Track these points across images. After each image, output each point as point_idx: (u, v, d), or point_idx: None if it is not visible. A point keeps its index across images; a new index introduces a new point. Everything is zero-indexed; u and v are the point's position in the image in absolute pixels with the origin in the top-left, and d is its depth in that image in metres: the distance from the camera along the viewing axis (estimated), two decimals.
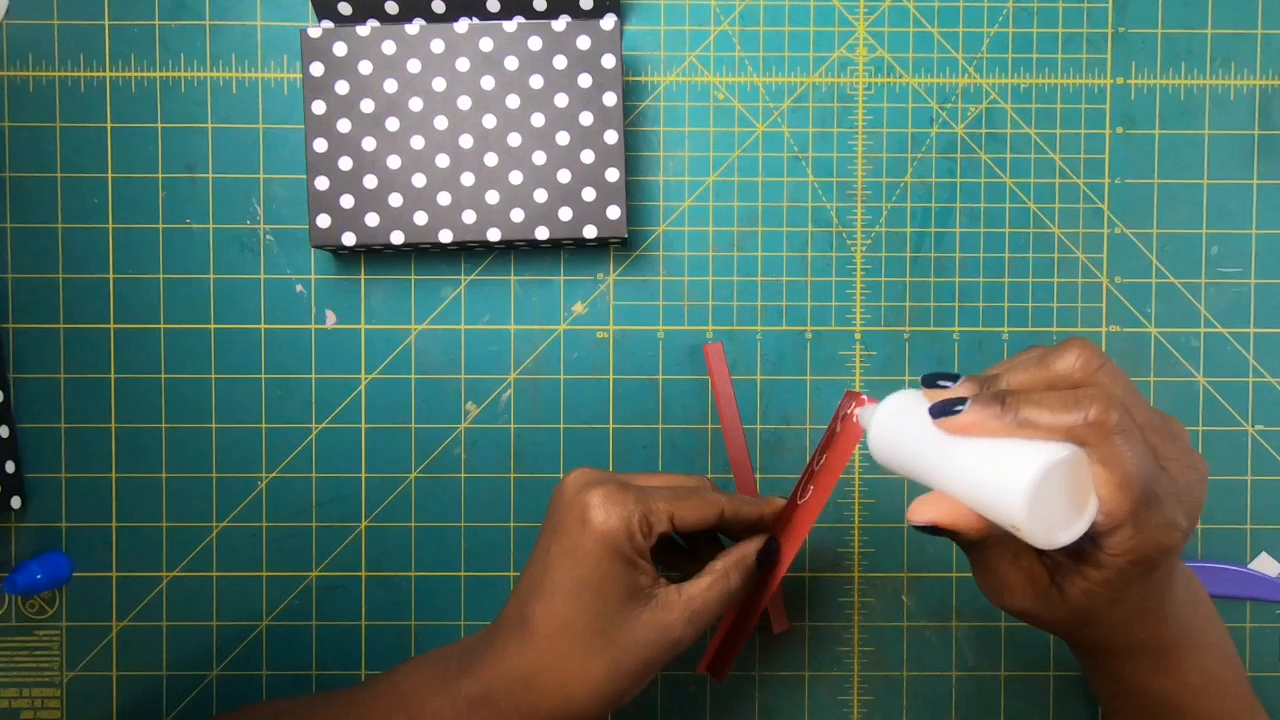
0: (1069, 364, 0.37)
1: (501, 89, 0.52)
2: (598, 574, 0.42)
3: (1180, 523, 0.36)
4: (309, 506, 0.55)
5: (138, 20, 0.54)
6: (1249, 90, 0.55)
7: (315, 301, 0.55)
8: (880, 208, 0.55)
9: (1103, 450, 0.35)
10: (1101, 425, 0.35)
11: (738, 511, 0.46)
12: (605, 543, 0.42)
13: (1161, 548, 0.36)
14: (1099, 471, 0.35)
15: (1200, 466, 0.38)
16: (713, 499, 0.45)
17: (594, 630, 0.42)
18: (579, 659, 0.42)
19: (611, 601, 0.42)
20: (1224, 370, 0.55)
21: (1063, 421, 0.35)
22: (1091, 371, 0.36)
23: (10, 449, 0.53)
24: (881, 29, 0.55)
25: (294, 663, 0.55)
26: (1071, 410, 0.35)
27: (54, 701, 0.55)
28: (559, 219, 0.52)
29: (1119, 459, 0.35)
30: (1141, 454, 0.35)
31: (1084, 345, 0.37)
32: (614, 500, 0.42)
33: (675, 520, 0.44)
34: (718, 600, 0.44)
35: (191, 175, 0.54)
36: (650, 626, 0.42)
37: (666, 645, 0.43)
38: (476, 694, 0.43)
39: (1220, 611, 0.55)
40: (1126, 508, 0.35)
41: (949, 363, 0.55)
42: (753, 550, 0.45)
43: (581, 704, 0.42)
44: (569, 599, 0.42)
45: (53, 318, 0.54)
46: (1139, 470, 0.35)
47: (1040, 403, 0.36)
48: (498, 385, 0.55)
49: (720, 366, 0.53)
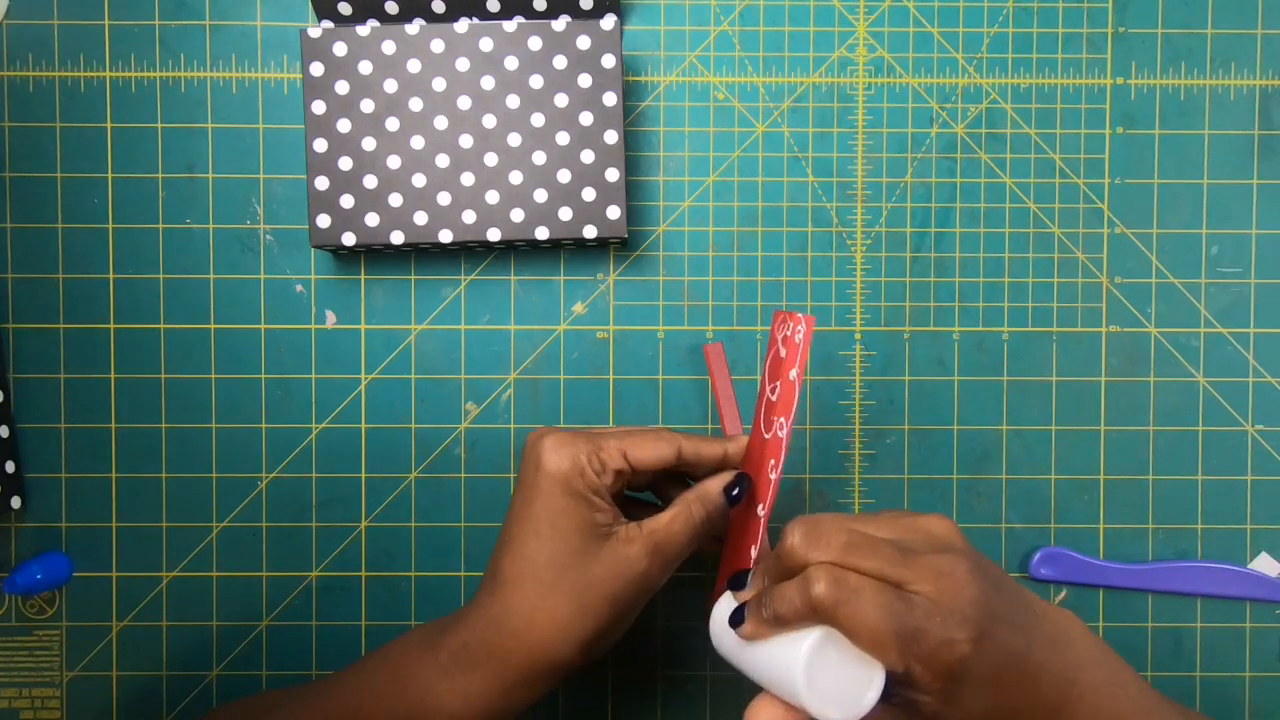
0: (789, 549, 0.39)
1: (501, 89, 0.52)
2: (552, 512, 0.43)
3: (955, 635, 0.37)
4: (309, 506, 0.55)
5: (138, 20, 0.54)
6: (1249, 90, 0.55)
7: (315, 301, 0.55)
8: (880, 208, 0.55)
9: (840, 623, 0.37)
10: (824, 603, 0.37)
11: (698, 450, 0.46)
12: (556, 481, 0.43)
13: (954, 663, 0.37)
14: (851, 639, 0.37)
15: (954, 567, 0.38)
16: (669, 436, 0.45)
17: (554, 569, 0.43)
18: (543, 598, 0.43)
19: (569, 539, 0.43)
20: (1224, 370, 0.55)
21: (800, 611, 0.37)
22: (809, 549, 0.38)
23: (10, 449, 0.53)
24: (881, 29, 0.55)
25: (294, 663, 0.55)
26: (799, 597, 0.37)
27: (54, 701, 0.55)
28: (559, 219, 0.52)
29: (856, 623, 0.36)
30: (875, 608, 0.36)
31: (795, 526, 0.39)
32: (564, 442, 0.43)
33: (630, 458, 0.44)
34: (682, 533, 0.44)
35: (191, 175, 0.54)
36: (611, 561, 0.43)
37: (632, 579, 0.43)
38: (457, 647, 0.44)
39: (1220, 611, 0.55)
40: (893, 658, 0.37)
41: (949, 363, 0.55)
42: (717, 484, 0.45)
43: (552, 645, 0.43)
44: (528, 541, 0.43)
45: (53, 318, 0.54)
46: (880, 623, 0.36)
47: (781, 597, 0.38)
48: (498, 385, 0.55)
49: (720, 366, 0.53)
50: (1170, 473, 0.55)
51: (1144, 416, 0.55)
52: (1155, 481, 0.55)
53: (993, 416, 0.55)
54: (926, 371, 0.55)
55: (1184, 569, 0.54)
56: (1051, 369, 0.55)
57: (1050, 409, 0.55)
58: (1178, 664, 0.55)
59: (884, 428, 0.55)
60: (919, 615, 0.37)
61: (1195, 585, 0.54)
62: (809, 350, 0.44)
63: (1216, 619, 0.55)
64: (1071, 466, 0.55)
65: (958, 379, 0.55)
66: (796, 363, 0.44)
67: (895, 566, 0.38)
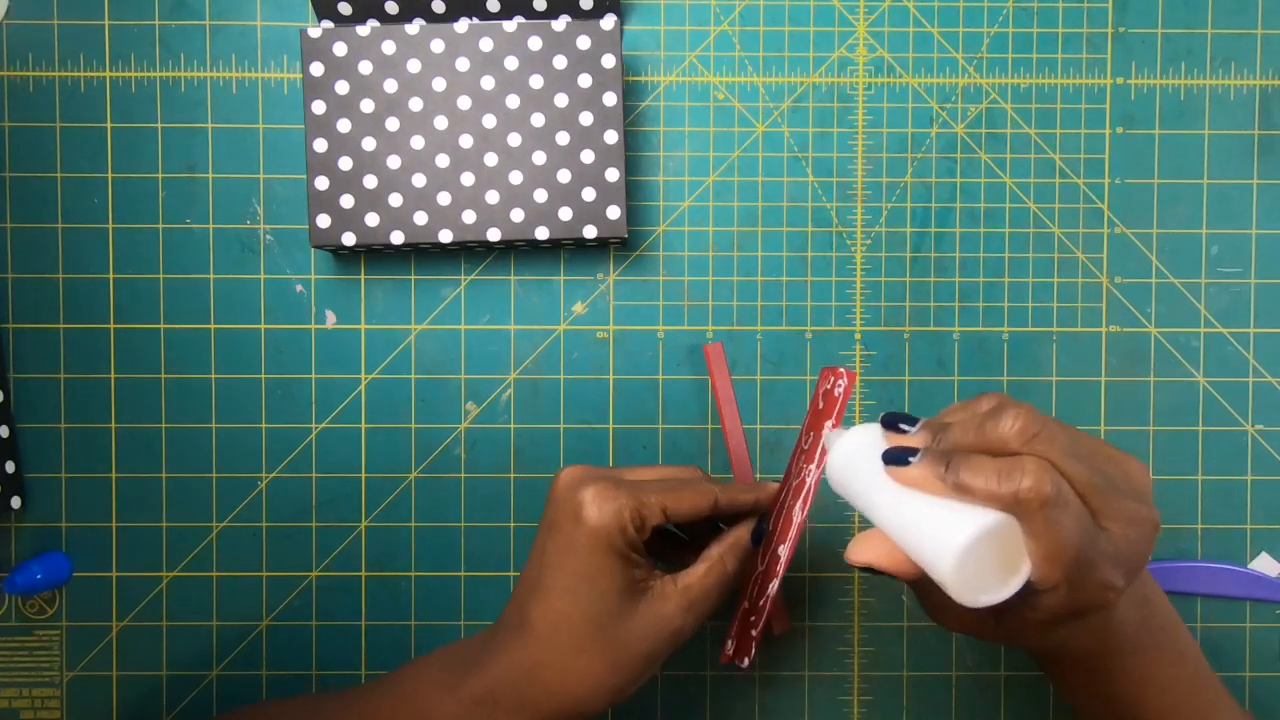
0: (1006, 430, 0.38)
1: (501, 89, 0.52)
2: (591, 570, 0.42)
3: (1116, 583, 0.38)
4: (309, 506, 0.55)
5: (138, 20, 0.54)
6: (1249, 90, 0.55)
7: (315, 301, 0.55)
8: (880, 208, 0.55)
9: (1033, 524, 0.36)
10: (1031, 500, 0.36)
11: (732, 499, 0.46)
12: (598, 538, 0.42)
13: (1094, 605, 0.38)
14: (1029, 542, 0.37)
15: (1146, 520, 0.38)
16: (705, 489, 0.45)
17: (592, 625, 0.42)
18: (578, 655, 0.42)
19: (607, 597, 0.42)
20: (1224, 370, 0.55)
21: (995, 492, 0.36)
22: (1029, 439, 0.37)
23: (10, 449, 0.53)
24: (881, 29, 0.55)
25: (294, 663, 0.55)
26: (1004, 482, 0.36)
27: (54, 701, 0.55)
28: (559, 219, 0.52)
29: (1049, 532, 0.36)
30: (1074, 524, 0.36)
31: (1020, 411, 0.38)
32: (606, 496, 0.43)
33: (668, 512, 0.44)
34: (715, 587, 0.44)
35: (192, 175, 0.54)
36: (648, 619, 0.43)
37: (666, 636, 0.43)
38: (481, 693, 0.43)
39: (1220, 612, 0.55)
40: (1056, 576, 0.37)
41: (949, 363, 0.55)
42: (745, 534, 0.46)
43: (584, 700, 0.42)
44: (565, 596, 0.42)
45: (53, 318, 0.54)
46: (1069, 541, 0.36)
47: (977, 470, 0.37)
48: (498, 385, 0.55)
49: (720, 366, 0.53)
50: (1170, 473, 0.55)
51: (1144, 416, 0.55)
52: (1155, 481, 0.55)
53: None
54: (926, 371, 0.55)
55: (1184, 569, 0.54)
56: (1051, 369, 0.55)
57: (1050, 409, 0.55)
58: None
59: None
60: (1101, 548, 0.37)
61: (1195, 585, 0.54)
62: (846, 404, 0.44)
63: (1216, 619, 0.55)
64: None
65: (958, 379, 0.55)
66: (834, 415, 0.44)
67: (1100, 495, 0.38)
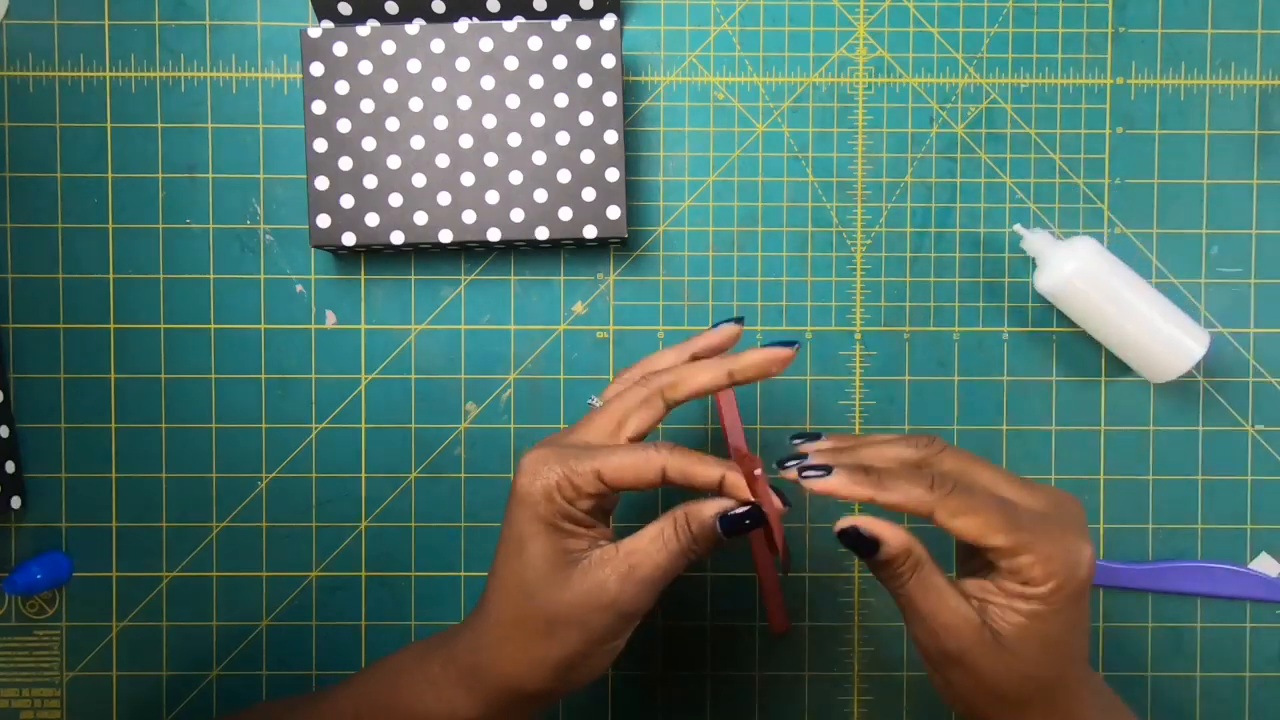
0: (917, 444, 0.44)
1: (501, 89, 0.52)
2: (519, 538, 0.41)
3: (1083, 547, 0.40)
4: (309, 506, 0.55)
5: (138, 20, 0.54)
6: (1249, 90, 0.55)
7: (315, 301, 0.55)
8: (880, 208, 0.55)
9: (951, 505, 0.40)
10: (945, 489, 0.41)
11: (686, 473, 0.41)
12: (524, 506, 0.41)
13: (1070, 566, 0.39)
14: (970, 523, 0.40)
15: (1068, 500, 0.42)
16: (651, 455, 0.40)
17: (524, 595, 0.41)
18: (514, 626, 0.41)
19: (536, 566, 0.40)
20: (1224, 370, 0.55)
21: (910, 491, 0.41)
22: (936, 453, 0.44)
23: (10, 449, 0.53)
24: (881, 29, 0.55)
25: (294, 663, 0.55)
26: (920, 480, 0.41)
27: (54, 701, 0.55)
28: (559, 219, 0.52)
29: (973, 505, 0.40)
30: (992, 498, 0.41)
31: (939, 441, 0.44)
32: (539, 461, 0.41)
33: (606, 479, 0.40)
34: (660, 556, 0.40)
35: (191, 175, 0.54)
36: (581, 588, 0.40)
37: (600, 606, 0.40)
38: (444, 660, 0.43)
39: (1220, 611, 0.55)
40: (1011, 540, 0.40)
41: (949, 363, 0.55)
42: (711, 509, 0.41)
43: (521, 673, 0.41)
44: (502, 565, 0.42)
45: (53, 318, 0.54)
46: (996, 507, 0.40)
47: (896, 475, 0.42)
48: (498, 385, 0.55)
49: None
50: (1170, 473, 0.55)
51: (1144, 416, 0.55)
52: (1155, 481, 0.55)
53: (993, 417, 0.55)
54: (926, 371, 0.55)
55: (1184, 569, 0.54)
56: (1051, 369, 0.55)
57: (1050, 409, 0.55)
58: (1178, 664, 0.55)
59: (884, 428, 0.55)
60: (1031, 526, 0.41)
61: (1195, 585, 0.54)
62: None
63: (1216, 619, 0.55)
64: (1071, 466, 0.55)
65: (958, 379, 0.55)
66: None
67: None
